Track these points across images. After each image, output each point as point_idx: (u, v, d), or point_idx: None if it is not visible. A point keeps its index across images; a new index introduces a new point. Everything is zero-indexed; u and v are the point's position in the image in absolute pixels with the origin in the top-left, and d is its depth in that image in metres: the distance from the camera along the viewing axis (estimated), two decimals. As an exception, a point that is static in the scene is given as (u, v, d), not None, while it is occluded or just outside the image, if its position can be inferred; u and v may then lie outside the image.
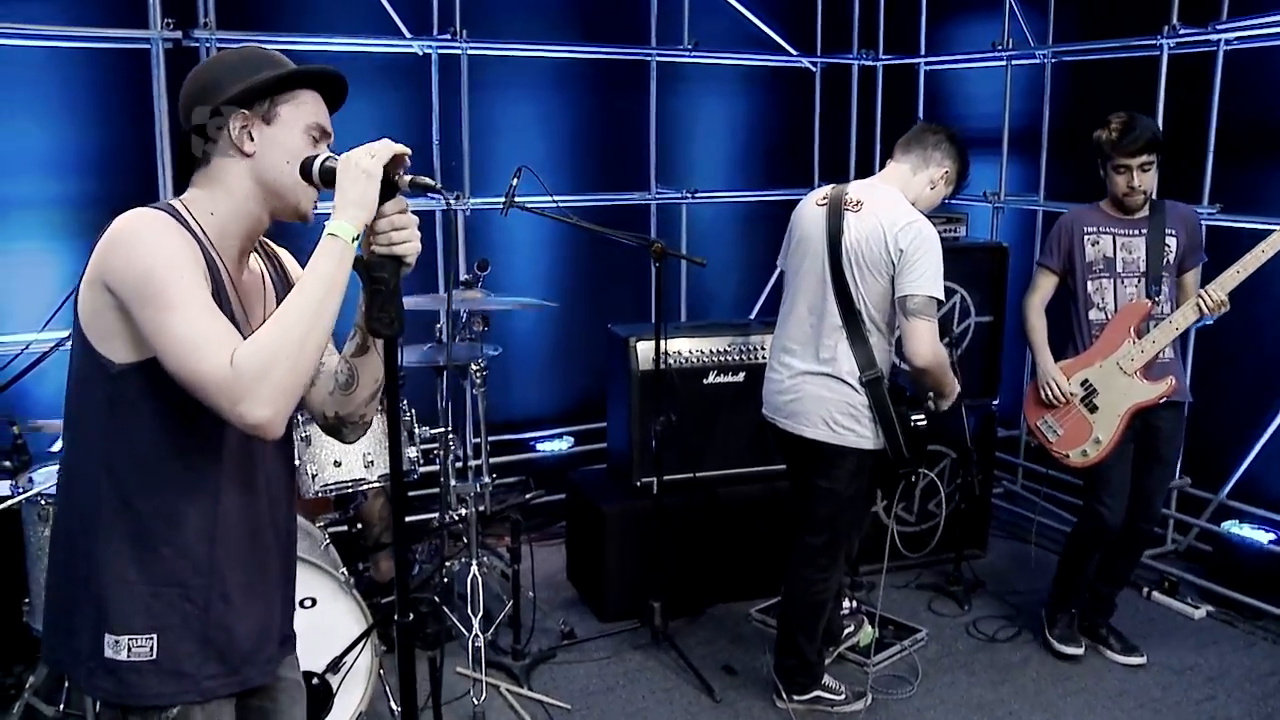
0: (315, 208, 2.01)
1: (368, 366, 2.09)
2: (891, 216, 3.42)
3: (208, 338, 1.75)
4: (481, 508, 4.27)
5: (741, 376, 4.64)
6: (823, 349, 3.53)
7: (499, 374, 5.84)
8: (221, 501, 1.95)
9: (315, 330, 1.79)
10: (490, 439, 5.79)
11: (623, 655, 4.28)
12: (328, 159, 1.94)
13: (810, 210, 3.61)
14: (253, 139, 1.92)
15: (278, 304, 1.98)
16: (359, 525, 4.31)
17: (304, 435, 3.82)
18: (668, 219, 5.94)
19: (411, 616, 2.24)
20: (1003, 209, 5.57)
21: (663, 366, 4.33)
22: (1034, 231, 5.54)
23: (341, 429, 2.17)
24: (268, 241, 2.17)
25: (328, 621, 3.45)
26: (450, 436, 4.19)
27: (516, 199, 4.17)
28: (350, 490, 3.88)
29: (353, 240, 1.84)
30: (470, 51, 5.23)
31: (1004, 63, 5.52)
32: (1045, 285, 4.18)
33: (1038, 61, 5.52)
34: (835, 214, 3.50)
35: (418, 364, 4.24)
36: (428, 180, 1.94)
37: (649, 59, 5.72)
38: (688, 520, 4.55)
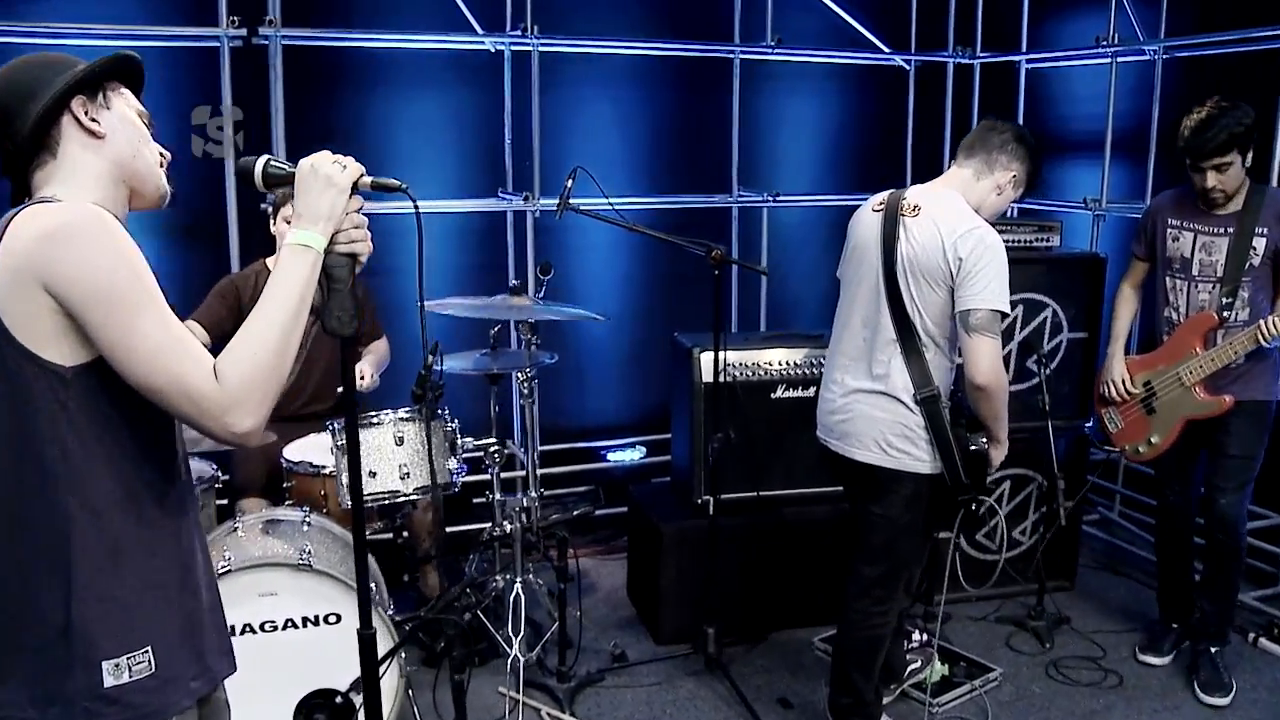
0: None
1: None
2: (951, 223, 3.14)
3: (180, 345, 1.73)
4: (527, 522, 4.09)
5: (812, 391, 4.35)
6: (876, 364, 3.27)
7: (573, 380, 5.72)
8: (179, 492, 1.92)
9: (293, 339, 1.82)
10: (559, 446, 5.71)
11: (674, 682, 4.07)
12: (271, 162, 1.98)
13: (866, 216, 3.36)
14: (98, 121, 1.86)
15: None
16: (404, 536, 4.20)
17: (339, 444, 3.71)
18: (749, 222, 5.71)
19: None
20: (1104, 216, 5.19)
21: (721, 379, 4.15)
22: (1140, 241, 5.15)
23: None
24: None
25: (352, 639, 3.31)
26: (498, 448, 4.03)
27: (573, 201, 4.02)
28: (387, 502, 3.76)
29: (323, 249, 1.88)
30: (541, 48, 5.08)
31: (1109, 59, 5.14)
32: (1135, 271, 4.17)
33: (1147, 58, 5.13)
34: (891, 220, 3.24)
35: (468, 371, 4.09)
36: (390, 181, 1.98)
37: (732, 56, 5.50)
38: (750, 541, 4.33)
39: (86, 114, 1.84)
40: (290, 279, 1.83)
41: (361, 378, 4.12)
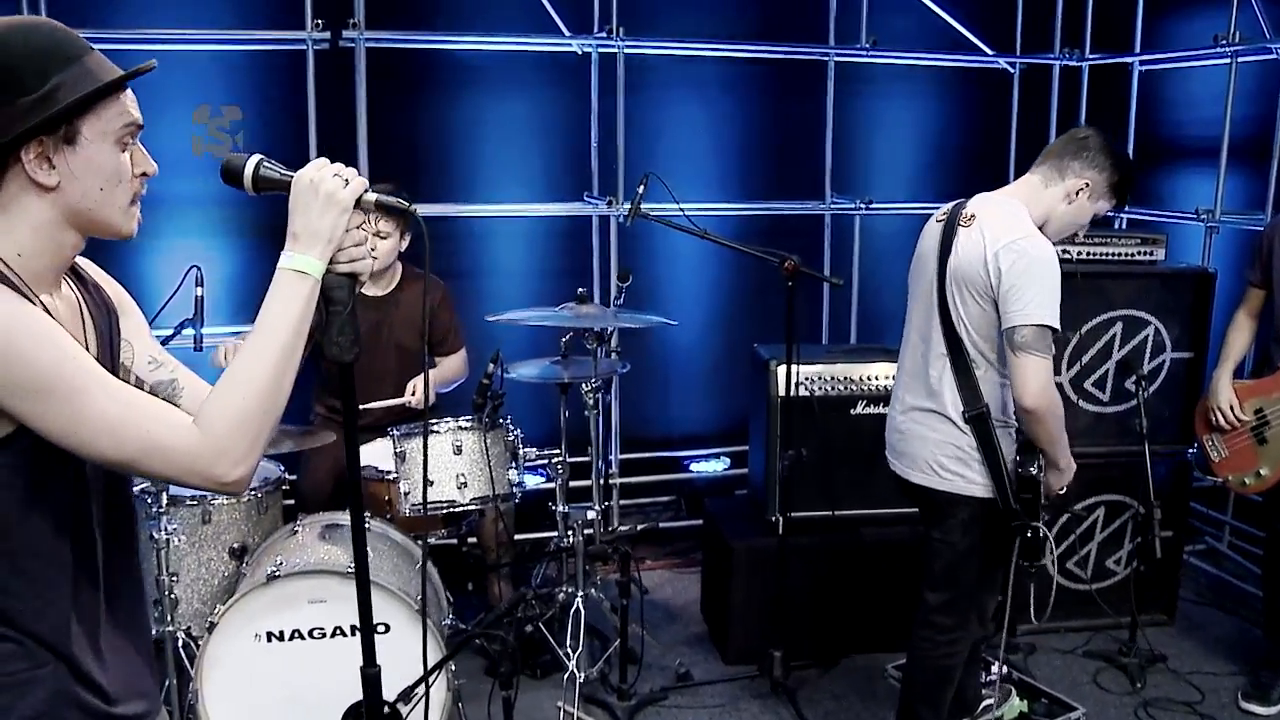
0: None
1: None
2: (995, 233, 2.96)
3: (137, 410, 1.55)
4: (591, 534, 4.00)
5: (893, 407, 4.22)
6: (930, 380, 3.12)
7: (659, 388, 5.63)
8: (78, 573, 1.67)
9: (286, 376, 1.65)
10: (643, 455, 5.62)
11: (738, 705, 3.94)
12: (265, 165, 1.73)
13: (930, 226, 3.20)
14: (54, 166, 1.58)
15: (95, 325, 1.76)
16: (469, 544, 4.16)
17: (399, 451, 3.68)
18: (841, 231, 5.54)
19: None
20: (1217, 229, 4.87)
21: (795, 393, 4.01)
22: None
23: None
24: None
25: (400, 648, 3.28)
26: (561, 459, 3.96)
27: (644, 207, 3.93)
28: (445, 511, 3.72)
29: (320, 275, 1.68)
30: (627, 50, 5.00)
31: (1229, 59, 4.83)
32: (1251, 299, 3.95)
33: (1273, 57, 4.80)
34: (949, 230, 3.07)
35: (537, 380, 4.02)
36: (395, 201, 1.77)
37: (826, 59, 5.34)
38: (824, 562, 4.18)
39: (39, 159, 1.56)
40: (284, 310, 1.65)
41: (412, 393, 4.08)
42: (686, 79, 5.32)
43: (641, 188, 3.87)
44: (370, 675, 2.06)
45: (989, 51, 5.56)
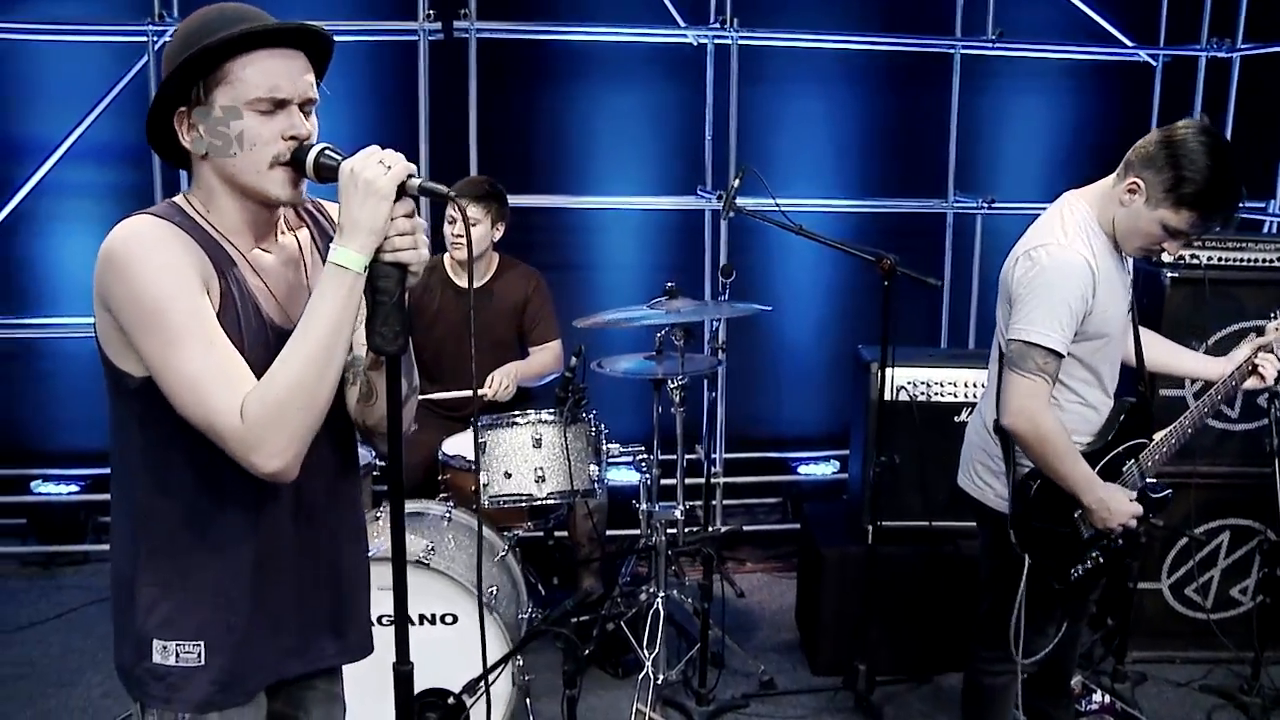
0: (301, 189, 1.78)
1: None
2: (1027, 236, 2.79)
3: (214, 379, 1.65)
4: (674, 533, 3.92)
5: (999, 415, 4.02)
6: (988, 382, 3.00)
7: (769, 387, 5.52)
8: (260, 507, 1.83)
9: (327, 374, 1.69)
10: (750, 455, 5.52)
11: (820, 717, 3.81)
12: (324, 152, 1.72)
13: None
14: (201, 135, 1.72)
15: None
16: (557, 537, 4.13)
17: (480, 441, 3.68)
18: (963, 230, 5.32)
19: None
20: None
21: (893, 397, 3.87)
22: None
23: (372, 439, 2.03)
24: (320, 203, 2.01)
25: (468, 641, 3.28)
26: (645, 456, 3.89)
27: (743, 201, 3.84)
28: (524, 504, 3.69)
29: (363, 270, 1.66)
30: (741, 41, 4.90)
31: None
32: None
33: None
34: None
35: (626, 374, 3.97)
36: (438, 186, 1.70)
37: (952, 51, 5.13)
38: (919, 573, 4.01)
39: (187, 129, 1.73)
40: (322, 305, 1.67)
41: (489, 384, 4.06)
42: (804, 71, 5.18)
43: (737, 181, 3.79)
44: (403, 673, 1.96)
45: (1128, 43, 5.24)
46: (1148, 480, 2.88)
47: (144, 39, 4.60)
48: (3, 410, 5.22)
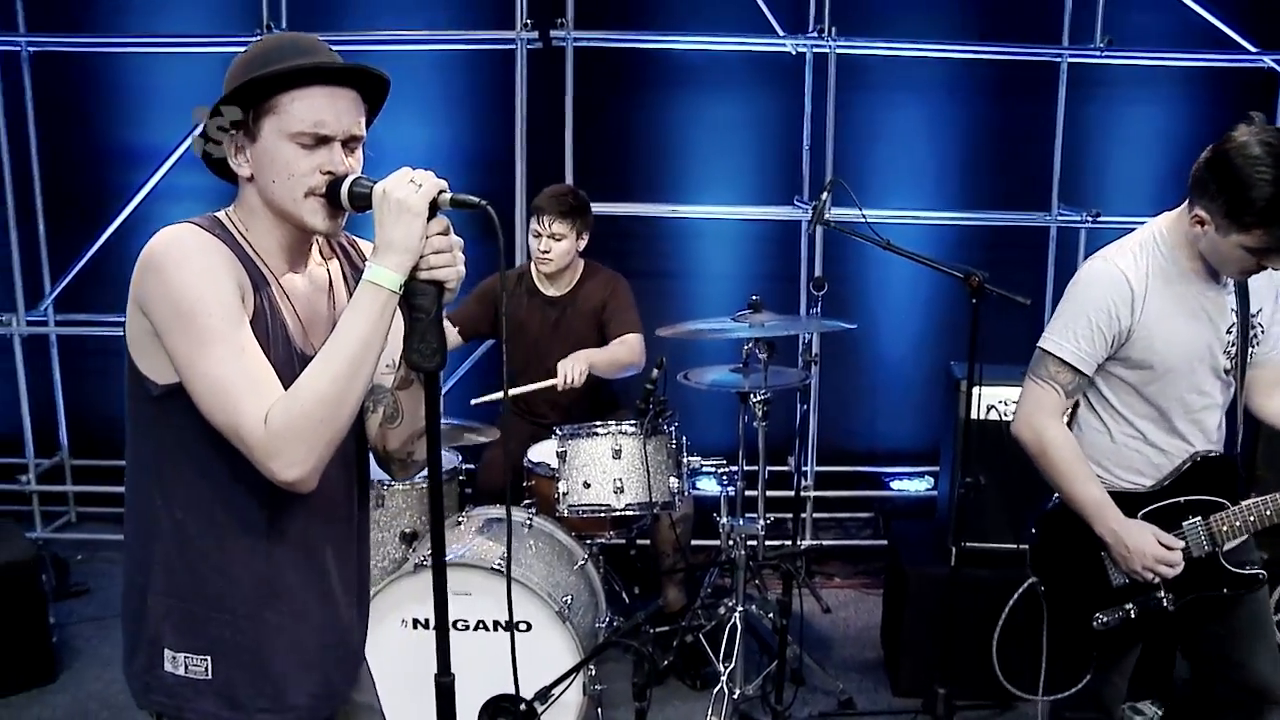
0: (339, 222, 1.82)
1: (414, 400, 1.90)
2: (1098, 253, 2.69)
3: (241, 384, 1.68)
4: (754, 546, 3.90)
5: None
6: None
7: (864, 401, 5.45)
8: (273, 529, 1.85)
9: (352, 390, 1.70)
10: (843, 469, 5.45)
11: (898, 740, 3.76)
12: (357, 182, 1.75)
13: None
14: (248, 159, 1.79)
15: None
16: (639, 547, 4.14)
17: (560, 450, 3.70)
18: (1066, 244, 5.18)
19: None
20: None
21: (981, 416, 3.79)
22: None
23: (389, 464, 2.01)
24: (354, 239, 2.04)
25: (540, 649, 3.31)
26: (727, 468, 3.88)
27: (835, 213, 3.81)
28: (603, 515, 3.71)
29: (398, 289, 1.68)
30: (839, 50, 4.85)
31: None
32: None
33: None
34: None
35: (709, 387, 3.95)
36: (471, 198, 1.71)
37: (1059, 59, 4.99)
38: (1004, 598, 3.90)
39: (237, 152, 1.79)
40: (353, 322, 1.70)
41: (560, 377, 3.98)
42: (903, 80, 5.11)
43: (826, 194, 3.76)
44: (444, 684, 1.95)
45: (1252, 49, 5.03)
46: (1225, 547, 2.65)
47: (250, 49, 4.75)
48: (118, 406, 5.44)
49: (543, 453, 4.01)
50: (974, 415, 3.84)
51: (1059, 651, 2.91)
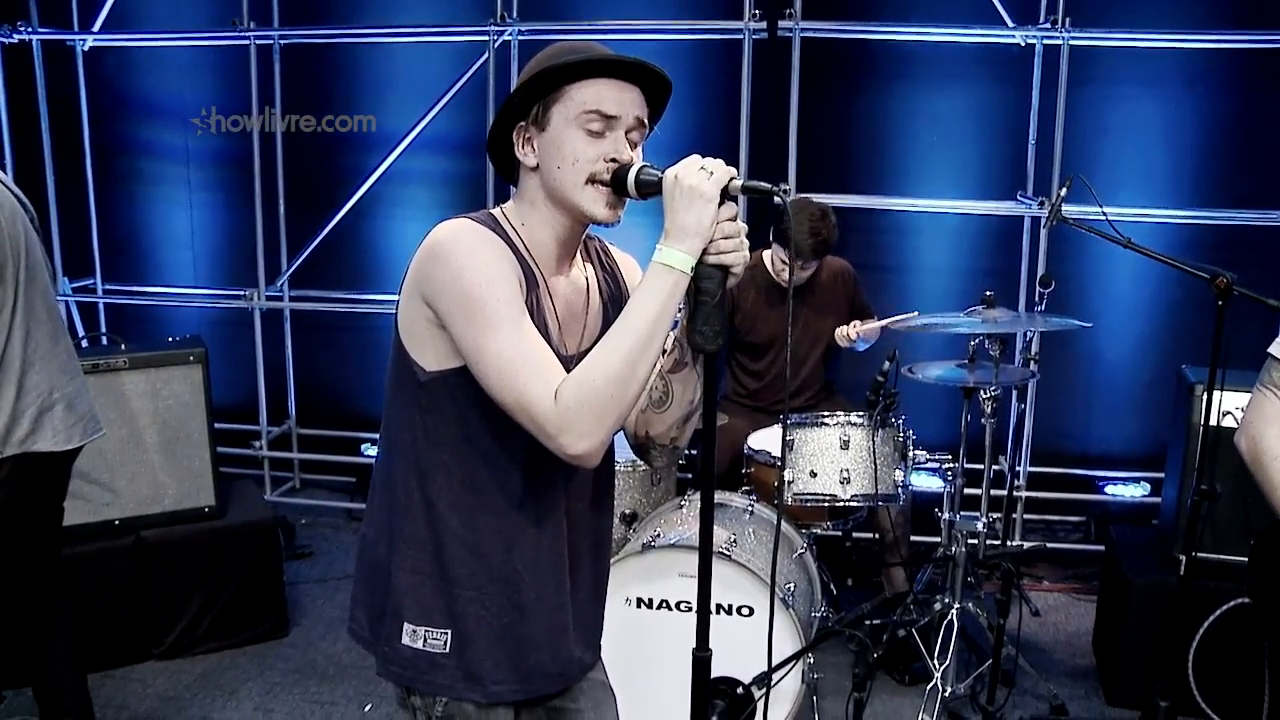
0: (618, 211, 1.87)
1: (685, 384, 1.97)
2: None
3: (530, 363, 1.74)
4: (974, 544, 3.87)
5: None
6: None
7: (1080, 402, 5.32)
8: (522, 511, 1.92)
9: (641, 367, 1.74)
10: (1056, 470, 5.34)
11: (1112, 750, 3.69)
12: (644, 169, 1.81)
13: None
14: (534, 149, 1.85)
15: (604, 314, 1.98)
16: (854, 539, 4.16)
17: (788, 439, 3.75)
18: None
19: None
20: None
21: (1216, 423, 3.64)
22: None
23: (648, 450, 2.07)
24: (606, 246, 2.11)
25: (762, 633, 3.36)
26: (951, 464, 3.86)
27: (1068, 210, 3.72)
28: (826, 504, 3.75)
29: (689, 270, 1.74)
30: (1072, 41, 4.73)
31: None
32: None
33: None
34: None
35: (937, 381, 3.94)
36: (760, 184, 1.75)
37: (1310, 49, 4.75)
38: (1235, 612, 3.78)
39: (524, 143, 1.86)
40: (645, 301, 1.74)
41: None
42: (1137, 72, 4.93)
43: (1064, 190, 3.68)
44: (701, 659, 2.00)
45: None
46: None
47: (485, 38, 4.95)
48: (342, 379, 5.77)
49: (763, 440, 4.07)
50: (1212, 422, 3.74)
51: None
